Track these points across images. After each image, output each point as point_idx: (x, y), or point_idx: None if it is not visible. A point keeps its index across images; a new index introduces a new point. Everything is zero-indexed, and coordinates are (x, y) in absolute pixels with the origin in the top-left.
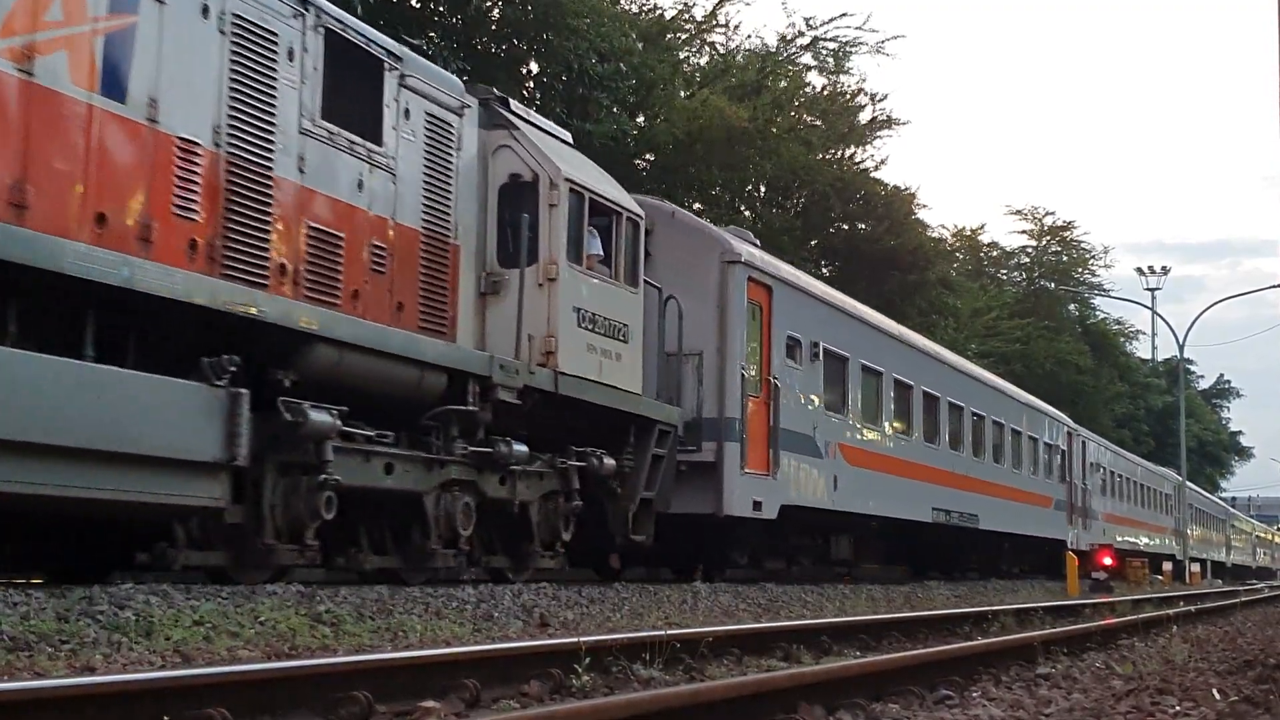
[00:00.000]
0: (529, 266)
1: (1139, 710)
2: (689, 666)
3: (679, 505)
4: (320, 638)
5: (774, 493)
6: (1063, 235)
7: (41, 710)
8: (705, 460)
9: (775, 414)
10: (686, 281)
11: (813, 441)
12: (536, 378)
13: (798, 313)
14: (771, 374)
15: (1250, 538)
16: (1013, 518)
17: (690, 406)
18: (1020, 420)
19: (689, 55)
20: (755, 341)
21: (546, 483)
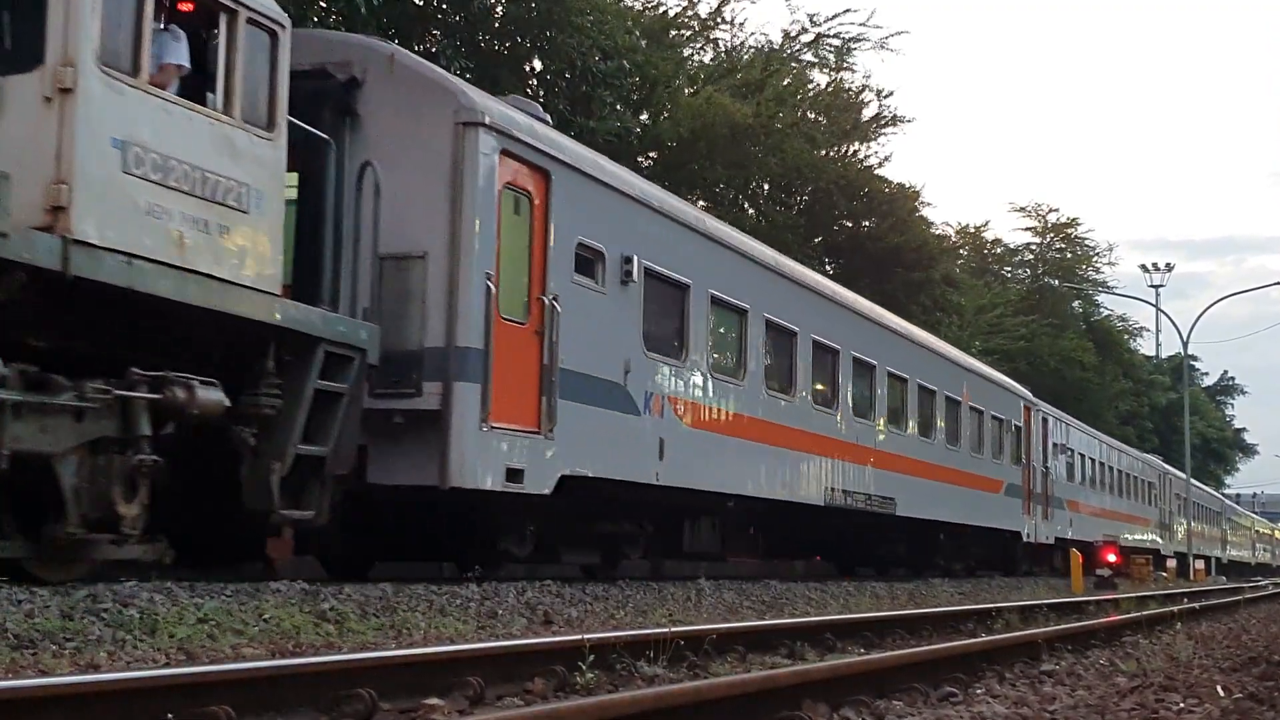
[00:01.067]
0: (27, 71)
1: (1143, 707)
2: (693, 664)
3: (393, 472)
4: (324, 635)
5: (547, 458)
6: (1067, 232)
7: (46, 708)
8: (428, 409)
9: (552, 350)
10: (407, 152)
11: (623, 392)
12: (16, 246)
13: (601, 214)
14: (548, 294)
15: (1249, 533)
16: (947, 504)
17: (416, 332)
18: (959, 388)
19: (693, 53)
20: (519, 246)
21: (89, 425)
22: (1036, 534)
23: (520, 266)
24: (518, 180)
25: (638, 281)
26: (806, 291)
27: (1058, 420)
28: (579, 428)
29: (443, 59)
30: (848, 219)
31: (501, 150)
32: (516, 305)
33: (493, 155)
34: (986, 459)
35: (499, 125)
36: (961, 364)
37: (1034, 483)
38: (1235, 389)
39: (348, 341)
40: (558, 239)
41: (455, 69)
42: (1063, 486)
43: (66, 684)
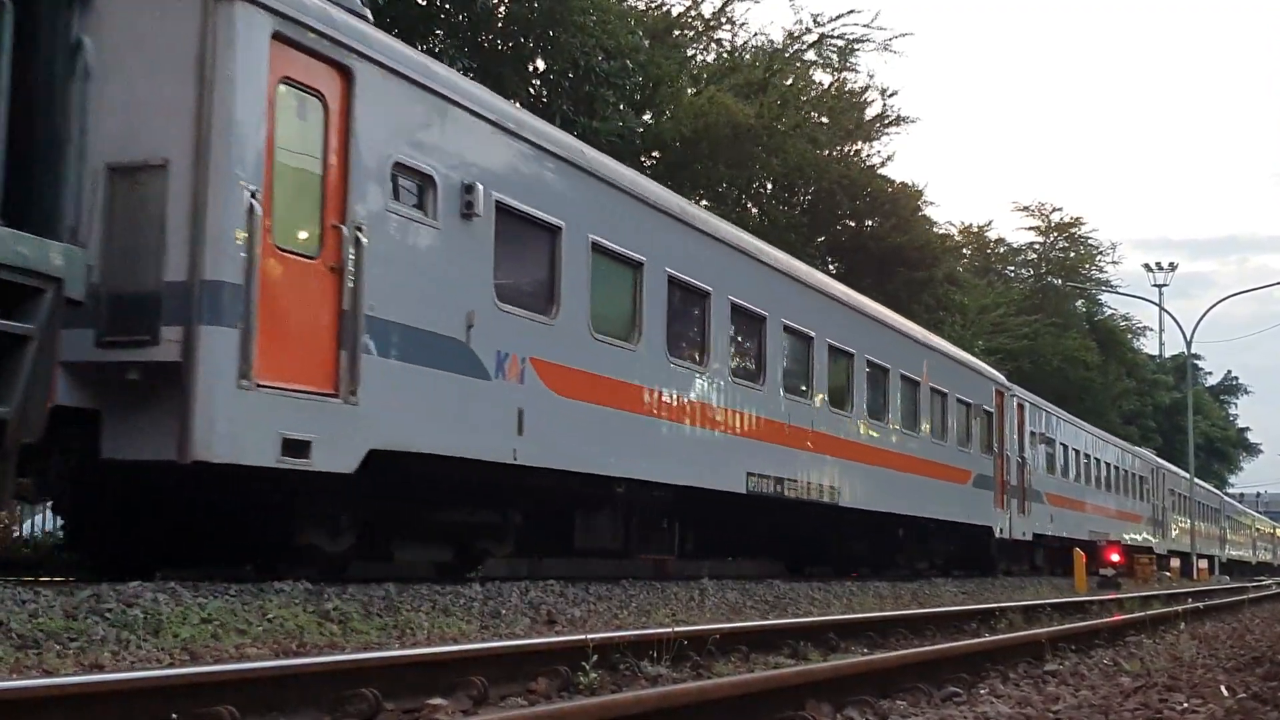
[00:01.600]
0: None
1: (1147, 707)
2: (696, 664)
3: (130, 444)
4: (328, 635)
5: (348, 428)
6: (1070, 231)
7: (50, 708)
8: (166, 360)
9: (356, 292)
10: (144, 34)
11: (465, 351)
12: None
13: (431, 131)
14: (349, 222)
15: (1250, 532)
16: (903, 496)
17: (153, 263)
18: (918, 367)
19: (696, 53)
20: (307, 160)
21: None
22: (1011, 530)
23: (308, 186)
24: (304, 77)
25: (485, 217)
26: (723, 247)
27: (1036, 407)
28: (398, 392)
29: (446, 58)
30: (851, 219)
31: (276, 34)
32: (301, 234)
33: (261, 39)
34: (951, 447)
35: (272, 3)
36: (921, 341)
37: (1008, 474)
38: (1239, 388)
39: (33, 268)
40: (365, 155)
41: (458, 68)
42: (1042, 479)
43: (70, 684)
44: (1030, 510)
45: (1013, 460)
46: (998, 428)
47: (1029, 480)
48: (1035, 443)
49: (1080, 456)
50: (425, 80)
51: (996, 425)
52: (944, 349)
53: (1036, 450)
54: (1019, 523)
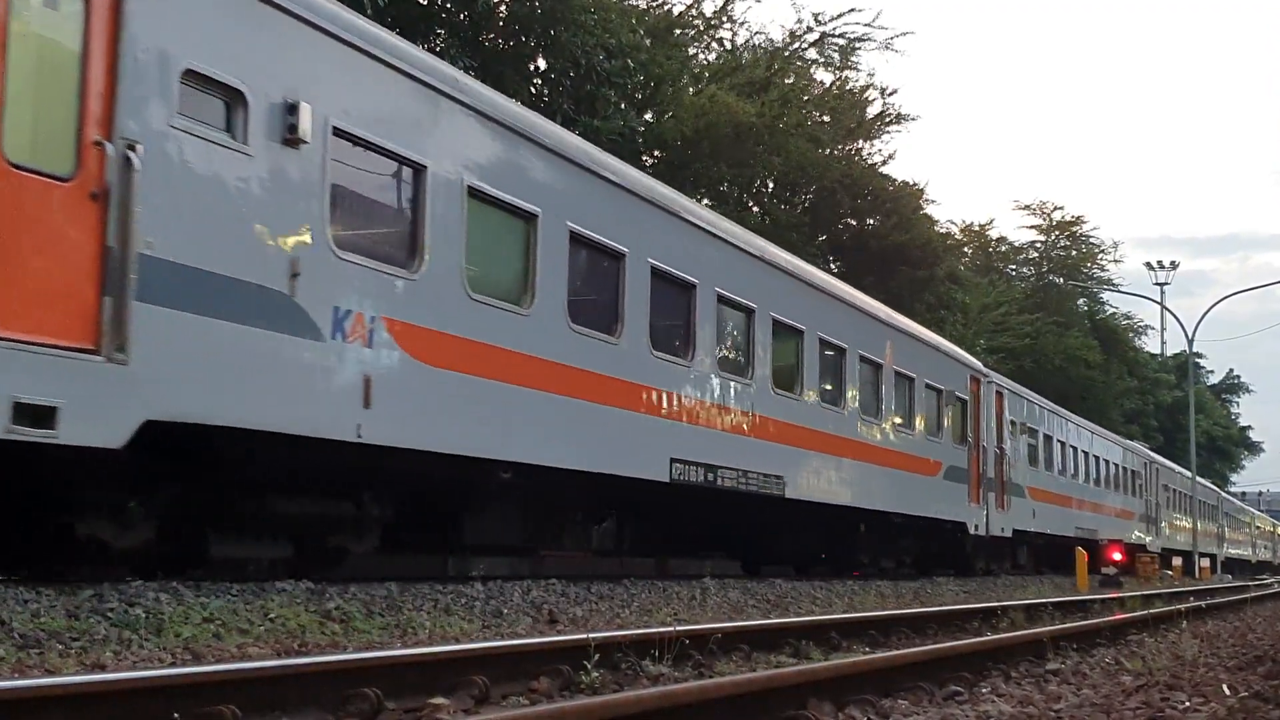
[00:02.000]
0: None
1: (1149, 706)
2: (698, 663)
3: None
4: (330, 634)
5: (114, 392)
6: (1071, 230)
7: (53, 708)
8: None
9: (124, 225)
10: None
11: (288, 305)
12: None
13: (238, 35)
14: (118, 138)
15: (1249, 529)
16: (861, 487)
17: None
18: (880, 348)
19: (697, 52)
20: (55, 56)
21: None
22: (988, 526)
23: (58, 88)
24: None
25: (315, 145)
26: (643, 204)
27: (1016, 396)
28: (188, 351)
29: (447, 57)
30: (852, 217)
31: None
32: (48, 148)
33: None
34: (918, 436)
35: None
36: (884, 320)
37: (984, 466)
38: (1240, 387)
39: None
40: (143, 56)
41: (460, 67)
42: (1024, 472)
43: (72, 683)
44: (1010, 505)
45: (990, 452)
46: (973, 417)
47: (1008, 473)
48: (1016, 434)
49: (1066, 449)
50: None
51: (971, 414)
52: (912, 330)
53: (1017, 442)
54: (997, 518)
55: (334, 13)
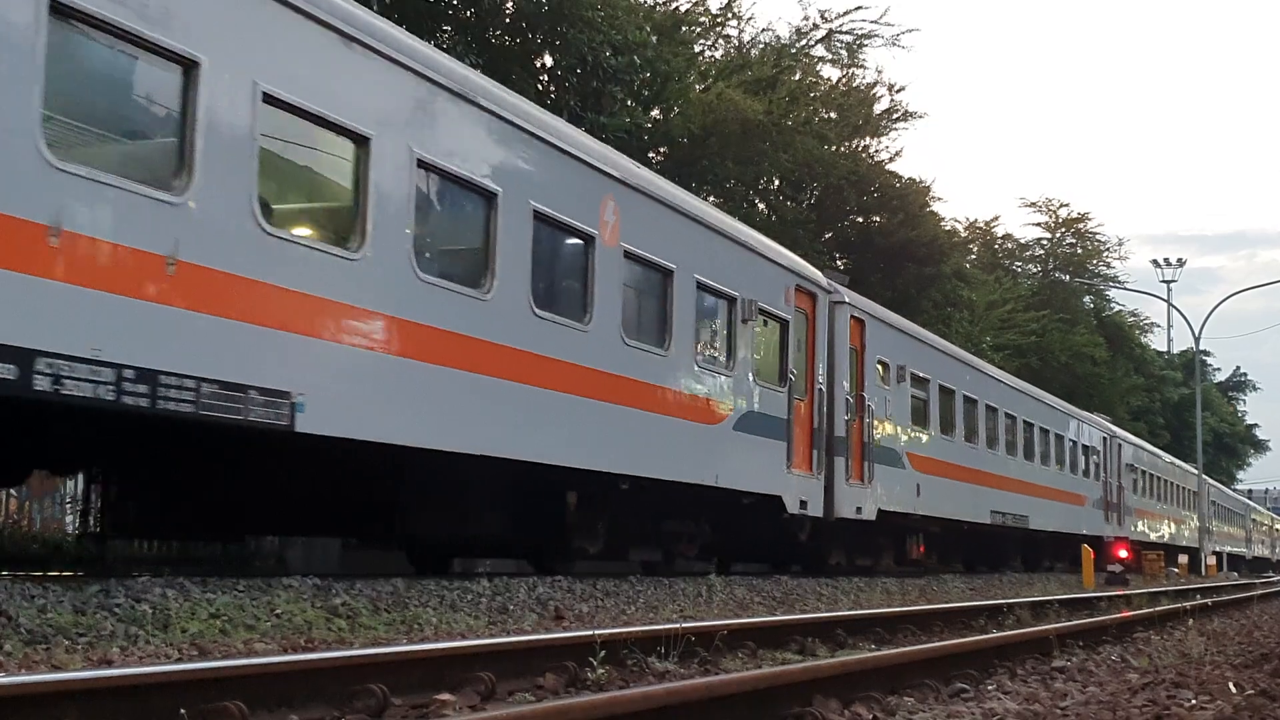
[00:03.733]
0: None
1: (1155, 704)
2: (704, 659)
3: None
4: (336, 630)
5: None
6: (1078, 227)
7: (59, 703)
8: None
9: None
10: None
11: None
12: None
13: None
14: None
15: (1243, 522)
16: (562, 432)
17: None
18: (591, 212)
19: (704, 48)
20: None
21: None
22: (833, 504)
23: None
24: None
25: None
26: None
27: (888, 328)
28: None
29: (454, 54)
30: (859, 214)
31: None
32: None
33: None
34: (675, 358)
35: None
36: (597, 165)
37: (818, 419)
38: (1247, 384)
39: None
40: None
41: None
42: (899, 434)
43: (79, 679)
44: (875, 477)
45: (837, 400)
46: (802, 347)
47: (871, 433)
48: (889, 380)
49: (979, 410)
50: None
51: (797, 342)
52: (668, 194)
53: (893, 391)
54: (848, 494)
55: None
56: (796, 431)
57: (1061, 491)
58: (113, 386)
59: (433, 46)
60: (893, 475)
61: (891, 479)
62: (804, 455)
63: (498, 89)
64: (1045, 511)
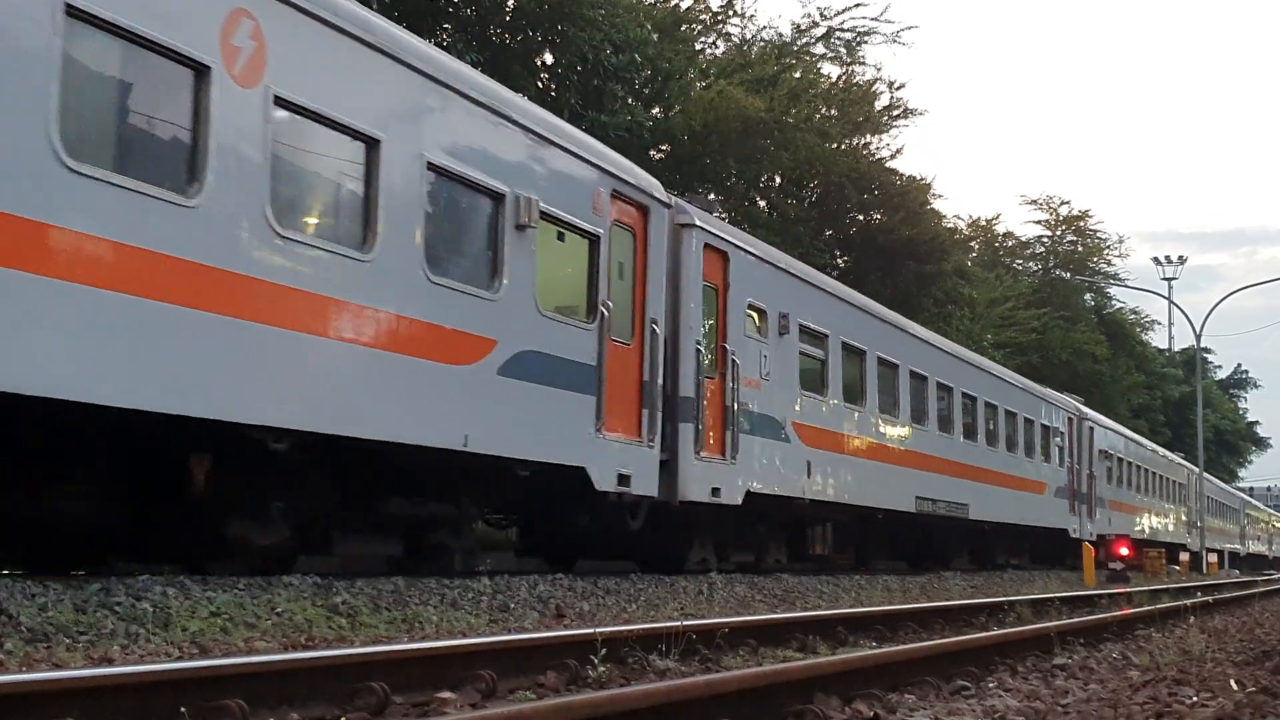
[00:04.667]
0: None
1: (1156, 701)
2: (705, 657)
3: None
4: (337, 629)
5: None
6: (1078, 225)
7: (60, 701)
8: None
9: None
10: None
11: None
12: None
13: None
14: None
15: (1239, 516)
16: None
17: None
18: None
19: (704, 47)
20: None
21: None
22: (678, 483)
23: None
24: None
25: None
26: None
27: (757, 260)
28: None
29: (454, 52)
30: (859, 212)
31: None
32: None
33: None
34: (425, 282)
35: None
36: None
37: (651, 371)
38: (1248, 382)
39: None
40: None
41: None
42: (782, 400)
43: (80, 677)
44: (738, 450)
45: (685, 349)
46: (626, 274)
47: (737, 395)
48: (767, 331)
49: (905, 377)
50: None
51: (618, 268)
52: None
53: (773, 346)
54: (701, 471)
55: None
56: (614, 383)
57: (1013, 477)
58: None
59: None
60: (771, 450)
61: (769, 454)
62: (626, 415)
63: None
64: (991, 500)
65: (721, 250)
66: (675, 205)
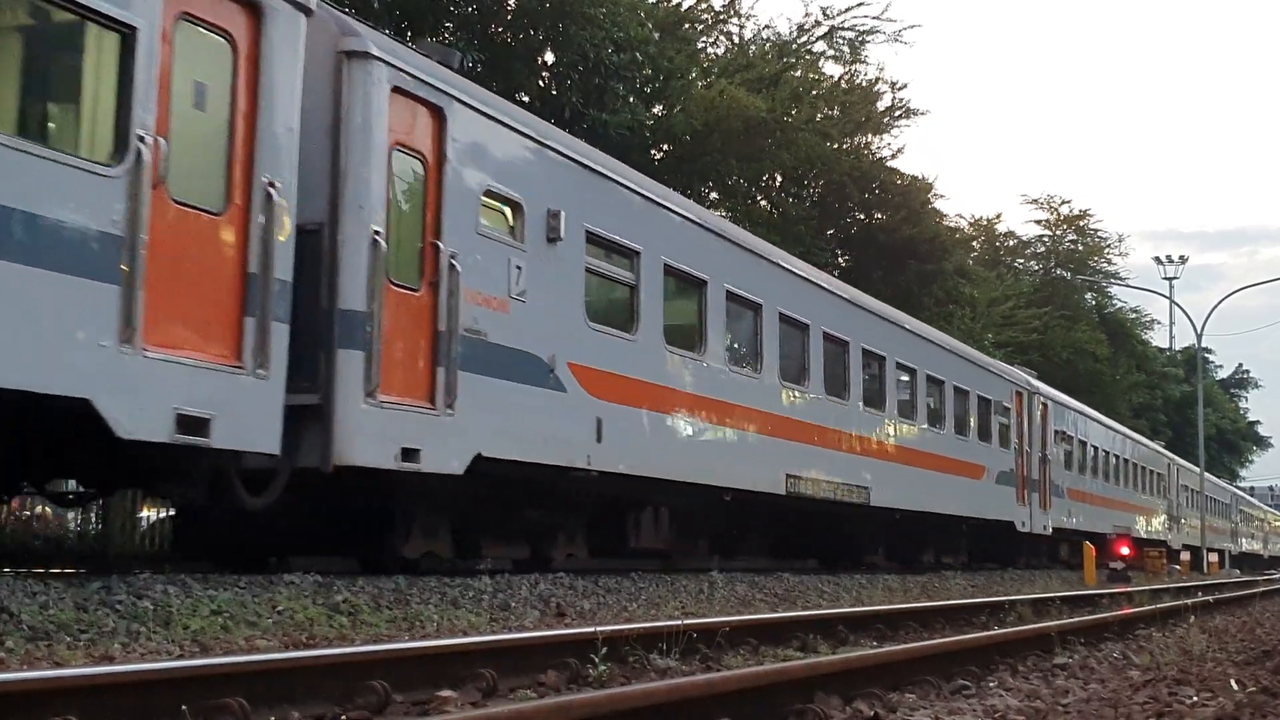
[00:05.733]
0: None
1: (1156, 701)
2: (705, 656)
3: None
4: (338, 627)
5: None
6: (1079, 224)
7: (61, 699)
8: None
9: None
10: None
11: None
12: None
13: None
14: None
15: (1229, 511)
16: None
17: None
18: None
19: (706, 45)
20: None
21: None
22: (332, 440)
23: None
24: None
25: None
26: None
27: (499, 125)
28: None
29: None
30: (861, 211)
31: None
32: None
33: None
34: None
35: None
36: None
37: (259, 257)
38: (1249, 382)
39: None
40: None
41: (468, 61)
42: (550, 330)
43: (81, 675)
44: (455, 396)
45: (353, 238)
46: (198, 99)
47: (456, 315)
48: (521, 232)
49: (770, 322)
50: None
51: (166, 83)
52: None
53: (534, 254)
54: (379, 424)
55: None
56: (173, 269)
57: (937, 457)
58: None
59: None
60: (528, 400)
61: (524, 406)
62: (206, 323)
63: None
64: (904, 484)
65: (432, 105)
66: (337, 22)
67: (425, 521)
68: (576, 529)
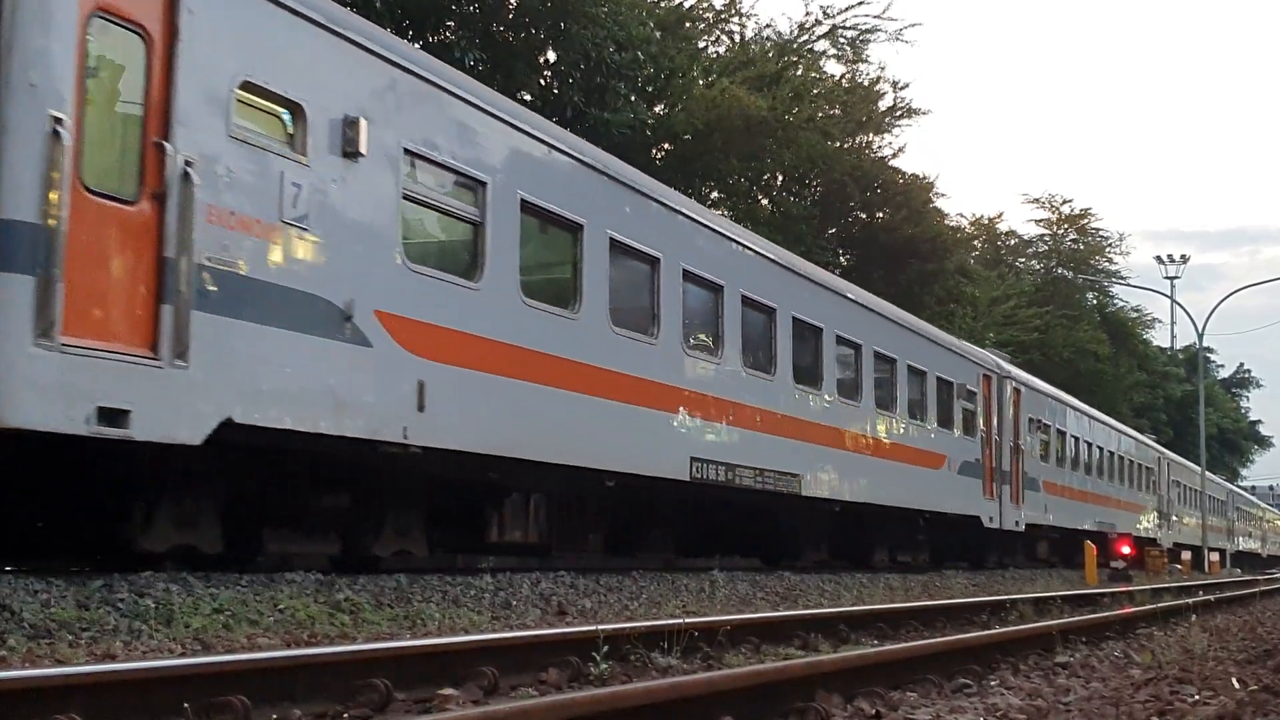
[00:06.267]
0: None
1: (1158, 699)
2: (707, 655)
3: None
4: (339, 625)
5: None
6: (1080, 223)
7: (63, 697)
8: None
9: None
10: None
11: None
12: None
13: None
14: None
15: (1226, 508)
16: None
17: None
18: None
19: (707, 45)
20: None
21: None
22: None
23: None
24: None
25: None
26: None
27: (344, 43)
28: None
29: (457, 50)
30: (862, 210)
31: None
32: None
33: None
34: None
35: None
36: None
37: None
38: (1251, 381)
39: None
40: None
41: (469, 60)
42: (341, 263)
43: (83, 674)
44: (185, 340)
45: (16, 124)
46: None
47: (189, 238)
48: (302, 142)
49: (671, 278)
50: None
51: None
52: None
53: (313, 168)
54: (45, 370)
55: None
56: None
57: (886, 444)
58: None
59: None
60: (316, 354)
61: (298, 362)
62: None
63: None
64: (842, 471)
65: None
66: None
67: (175, 507)
68: (411, 520)
